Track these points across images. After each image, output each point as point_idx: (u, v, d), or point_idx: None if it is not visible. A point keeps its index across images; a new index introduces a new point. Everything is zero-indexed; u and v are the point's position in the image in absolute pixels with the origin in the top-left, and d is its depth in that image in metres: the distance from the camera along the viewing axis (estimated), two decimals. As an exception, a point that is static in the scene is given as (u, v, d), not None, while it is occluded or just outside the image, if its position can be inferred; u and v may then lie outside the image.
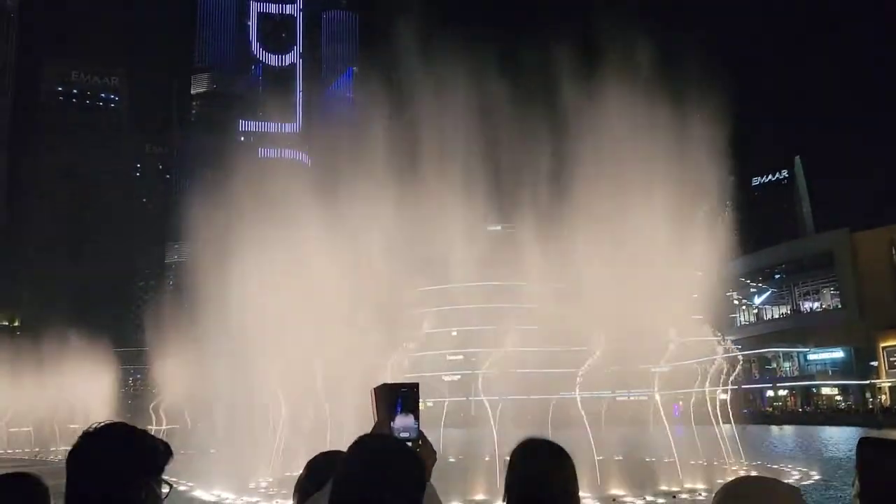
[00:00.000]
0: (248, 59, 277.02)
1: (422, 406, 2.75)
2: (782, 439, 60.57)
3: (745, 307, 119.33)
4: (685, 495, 24.81)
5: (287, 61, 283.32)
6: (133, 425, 2.54)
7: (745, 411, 75.57)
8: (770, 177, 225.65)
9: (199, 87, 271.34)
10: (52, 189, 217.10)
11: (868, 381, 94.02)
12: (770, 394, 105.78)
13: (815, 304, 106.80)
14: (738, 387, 36.33)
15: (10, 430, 77.88)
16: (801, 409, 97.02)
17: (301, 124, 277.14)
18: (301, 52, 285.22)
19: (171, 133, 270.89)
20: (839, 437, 56.90)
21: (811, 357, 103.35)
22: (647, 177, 35.67)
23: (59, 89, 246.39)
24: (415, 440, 2.60)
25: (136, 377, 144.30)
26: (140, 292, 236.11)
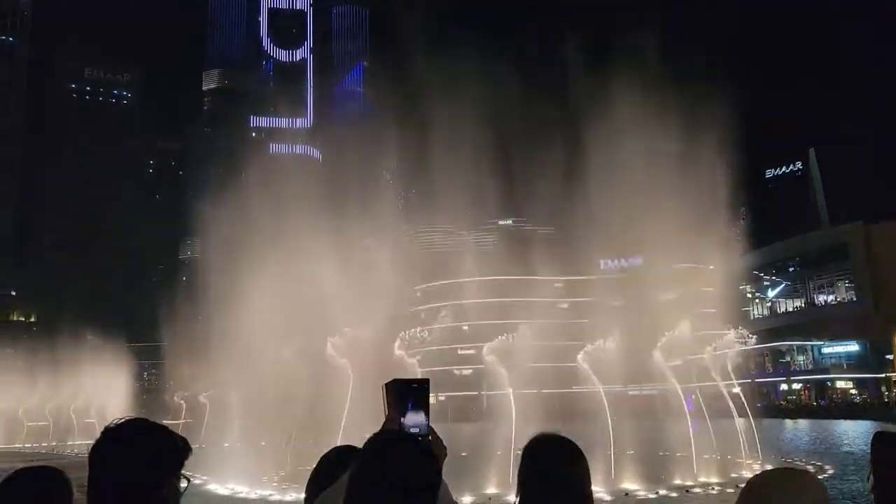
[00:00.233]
0: (258, 54, 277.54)
1: (433, 401, 2.75)
2: (796, 433, 60.25)
3: (758, 300, 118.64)
4: (698, 489, 24.76)
5: (297, 57, 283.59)
6: (153, 421, 2.57)
7: (759, 405, 75.19)
8: (784, 169, 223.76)
9: (210, 83, 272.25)
10: (66, 185, 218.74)
11: (883, 375, 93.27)
12: (784, 387, 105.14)
13: (830, 297, 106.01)
14: (751, 380, 36.12)
15: (28, 423, 78.76)
16: (815, 403, 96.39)
17: (312, 120, 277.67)
18: (311, 48, 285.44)
19: (183, 129, 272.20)
20: (854, 431, 56.52)
21: (826, 350, 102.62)
22: (660, 170, 35.47)
23: (72, 86, 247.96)
24: (425, 436, 2.60)
25: (151, 372, 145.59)
26: (154, 288, 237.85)
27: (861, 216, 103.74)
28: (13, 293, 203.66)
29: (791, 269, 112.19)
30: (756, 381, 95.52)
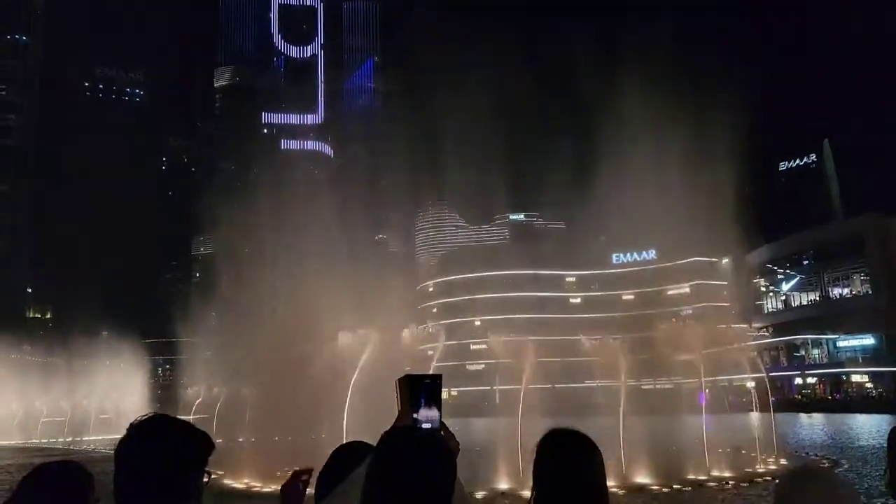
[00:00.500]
0: (269, 51, 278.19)
1: (445, 396, 2.76)
2: (811, 427, 59.89)
3: (772, 294, 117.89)
4: (712, 483, 24.68)
5: (308, 53, 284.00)
6: (177, 417, 2.60)
7: (773, 399, 74.72)
8: (798, 161, 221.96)
9: (221, 80, 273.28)
10: (79, 183, 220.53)
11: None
12: (798, 381, 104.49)
13: (845, 290, 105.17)
14: (765, 374, 35.90)
15: (43, 419, 79.56)
16: (830, 397, 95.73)
17: (323, 116, 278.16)
18: (322, 44, 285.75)
19: (196, 126, 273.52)
20: (870, 425, 56.11)
21: (841, 344, 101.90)
22: (673, 164, 35.30)
23: (84, 84, 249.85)
24: (437, 431, 2.61)
25: (166, 367, 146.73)
26: (167, 284, 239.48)
27: (876, 208, 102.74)
28: (28, 290, 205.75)
29: (805, 263, 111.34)
30: (770, 374, 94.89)
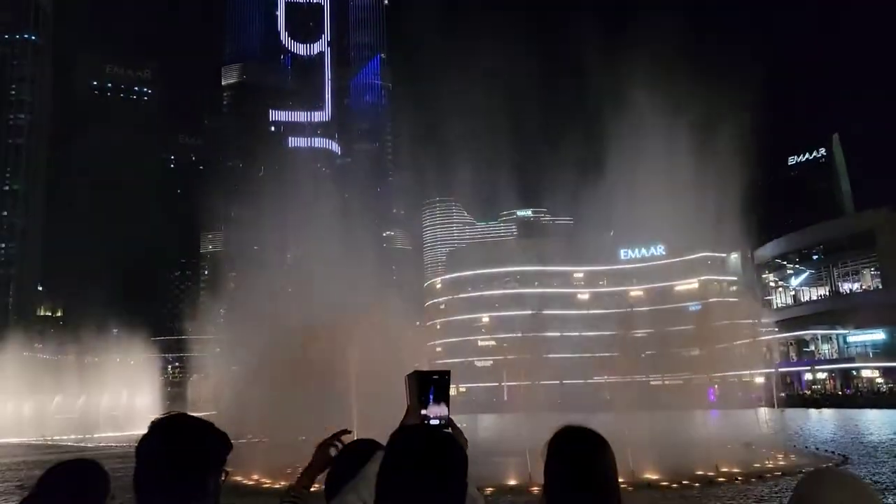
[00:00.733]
0: (276, 48, 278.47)
1: (454, 392, 2.77)
2: (821, 422, 59.61)
3: (782, 289, 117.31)
4: (721, 479, 24.61)
5: (315, 50, 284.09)
6: (196, 416, 2.63)
7: (783, 394, 74.46)
8: (807, 155, 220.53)
9: (229, 78, 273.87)
10: (89, 181, 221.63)
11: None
12: (808, 376, 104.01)
13: (855, 285, 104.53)
14: (774, 369, 35.79)
15: (54, 416, 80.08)
16: (840, 392, 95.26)
17: (330, 113, 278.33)
18: (329, 41, 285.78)
19: (203, 124, 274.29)
20: (880, 421, 55.80)
21: (851, 339, 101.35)
22: (681, 159, 35.16)
23: (93, 83, 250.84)
24: (445, 426, 2.62)
25: (175, 365, 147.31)
26: (176, 282, 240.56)
27: (887, 202, 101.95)
28: (39, 287, 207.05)
29: (815, 257, 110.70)
30: (780, 370, 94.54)
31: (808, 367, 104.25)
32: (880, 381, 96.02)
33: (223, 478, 2.56)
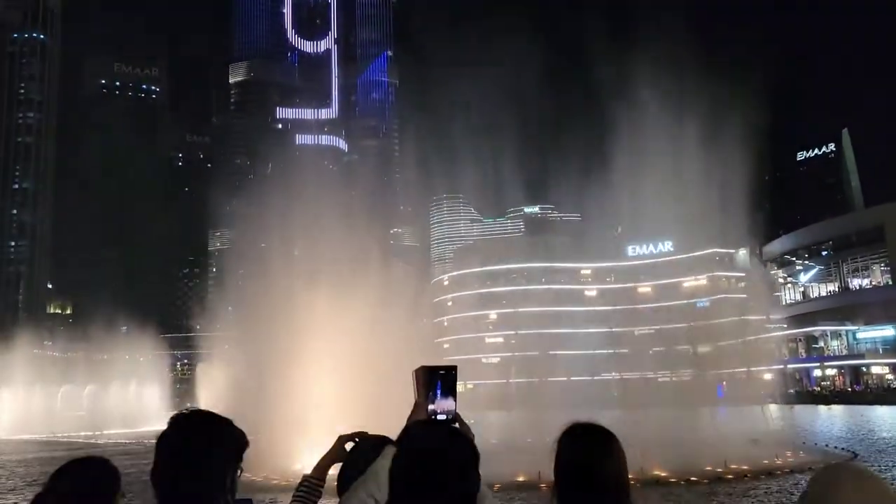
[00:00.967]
0: (283, 46, 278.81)
1: (462, 388, 2.78)
2: (830, 419, 59.36)
3: (790, 285, 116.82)
4: (729, 476, 24.55)
5: (322, 47, 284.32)
6: (216, 412, 2.64)
7: (792, 391, 74.11)
8: (816, 151, 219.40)
9: (236, 76, 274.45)
10: (98, 179, 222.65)
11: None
12: (817, 373, 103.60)
13: (865, 281, 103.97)
14: (783, 366, 35.67)
15: (64, 413, 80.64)
16: (850, 389, 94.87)
17: (337, 110, 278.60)
18: (336, 38, 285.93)
19: (211, 122, 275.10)
20: (891, 417, 55.56)
21: (860, 335, 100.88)
22: (688, 155, 34.98)
23: (101, 82, 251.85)
24: (452, 422, 2.63)
25: (184, 362, 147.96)
26: (185, 279, 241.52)
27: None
28: (49, 286, 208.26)
29: (824, 253, 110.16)
30: (789, 366, 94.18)
31: (818, 364, 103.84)
32: (890, 377, 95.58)
33: (238, 474, 2.59)
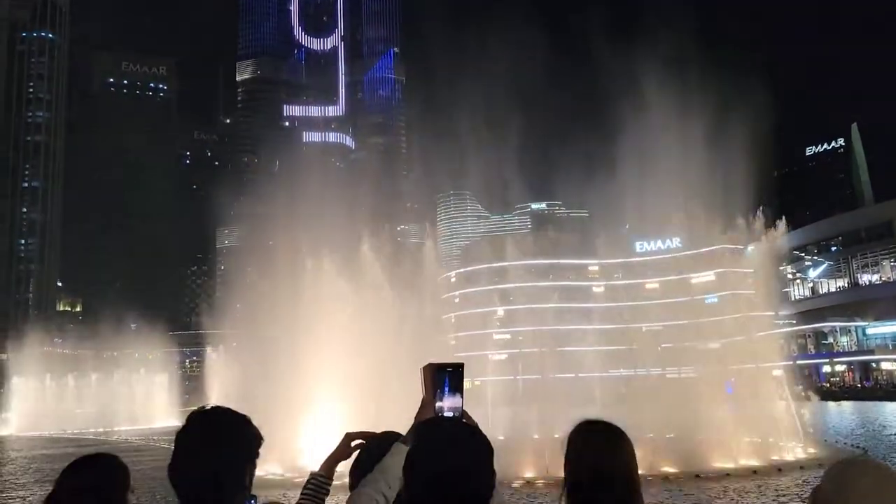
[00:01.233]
0: (290, 43, 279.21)
1: (469, 385, 2.77)
2: (840, 415, 59.10)
3: (799, 281, 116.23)
4: (740, 472, 24.48)
5: (329, 45, 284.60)
6: (233, 409, 2.64)
7: (800, 387, 73.74)
8: (825, 145, 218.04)
9: (244, 73, 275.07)
10: (106, 177, 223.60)
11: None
12: (826, 369, 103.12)
13: (875, 277, 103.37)
14: (792, 362, 35.49)
15: (75, 410, 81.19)
16: (859, 385, 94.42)
17: (344, 107, 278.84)
18: (343, 35, 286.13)
19: (219, 120, 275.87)
20: (901, 413, 55.22)
21: (870, 331, 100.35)
22: (696, 150, 34.82)
23: (109, 80, 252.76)
24: (459, 419, 2.62)
25: (192, 359, 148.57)
26: (193, 277, 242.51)
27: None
28: (59, 283, 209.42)
29: (833, 249, 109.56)
30: (798, 362, 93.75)
31: (827, 360, 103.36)
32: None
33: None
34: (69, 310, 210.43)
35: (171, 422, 71.49)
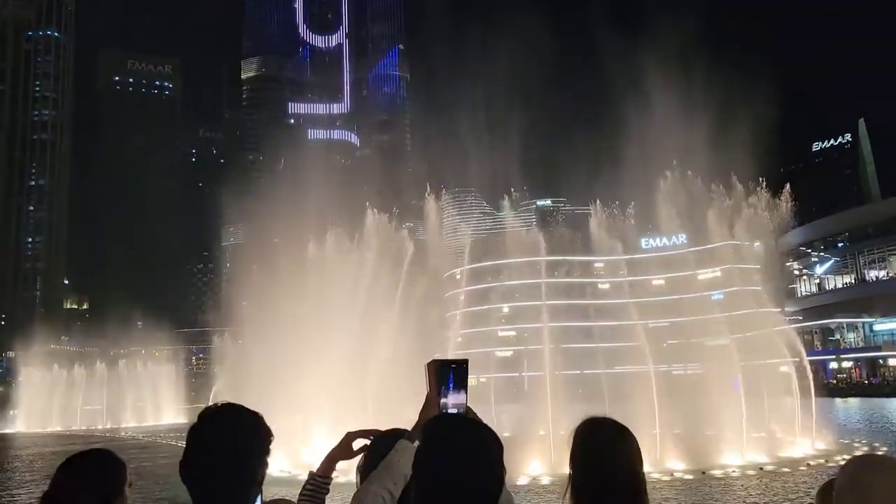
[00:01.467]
0: (295, 41, 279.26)
1: (474, 382, 2.76)
2: (847, 411, 58.92)
3: (806, 277, 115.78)
4: (747, 468, 24.43)
5: (333, 42, 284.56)
6: (245, 406, 2.63)
7: (805, 384, 73.50)
8: (832, 141, 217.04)
9: (249, 71, 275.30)
10: (112, 176, 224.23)
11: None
12: (833, 365, 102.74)
13: (882, 273, 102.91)
14: (801, 358, 35.37)
15: (82, 407, 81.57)
16: (866, 381, 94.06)
17: (349, 104, 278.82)
18: (347, 32, 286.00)
19: (224, 118, 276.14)
20: (908, 410, 55.01)
21: (877, 327, 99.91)
22: (702, 147, 34.72)
23: (115, 79, 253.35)
24: (464, 415, 2.61)
25: (199, 356, 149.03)
26: (199, 274, 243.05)
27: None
28: (66, 282, 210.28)
29: (840, 245, 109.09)
30: (805, 359, 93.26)
31: (834, 356, 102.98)
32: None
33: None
34: (76, 308, 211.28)
35: (179, 419, 71.78)
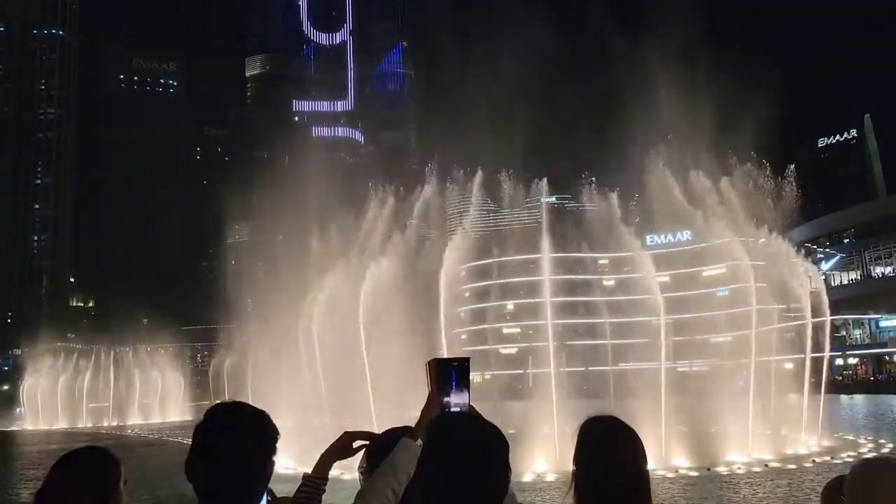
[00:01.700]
0: (299, 39, 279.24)
1: (479, 379, 2.74)
2: (853, 408, 58.78)
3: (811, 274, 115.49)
4: (753, 465, 24.38)
5: (337, 39, 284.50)
6: (251, 405, 2.63)
7: (813, 380, 73.30)
8: (838, 137, 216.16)
9: (253, 69, 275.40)
10: (117, 174, 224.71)
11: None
12: (839, 362, 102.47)
13: (888, 269, 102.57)
14: (804, 355, 35.29)
15: (88, 405, 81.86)
16: (872, 378, 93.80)
17: (353, 102, 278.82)
18: (351, 30, 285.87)
19: (228, 116, 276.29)
20: (914, 406, 54.84)
21: (883, 324, 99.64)
22: (706, 142, 34.63)
23: (120, 77, 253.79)
24: (468, 414, 2.60)
25: (204, 353, 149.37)
26: (204, 272, 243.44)
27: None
28: (72, 279, 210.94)
29: (846, 241, 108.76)
30: (810, 355, 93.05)
31: (839, 353, 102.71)
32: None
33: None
34: (82, 305, 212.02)
35: (185, 416, 71.98)
